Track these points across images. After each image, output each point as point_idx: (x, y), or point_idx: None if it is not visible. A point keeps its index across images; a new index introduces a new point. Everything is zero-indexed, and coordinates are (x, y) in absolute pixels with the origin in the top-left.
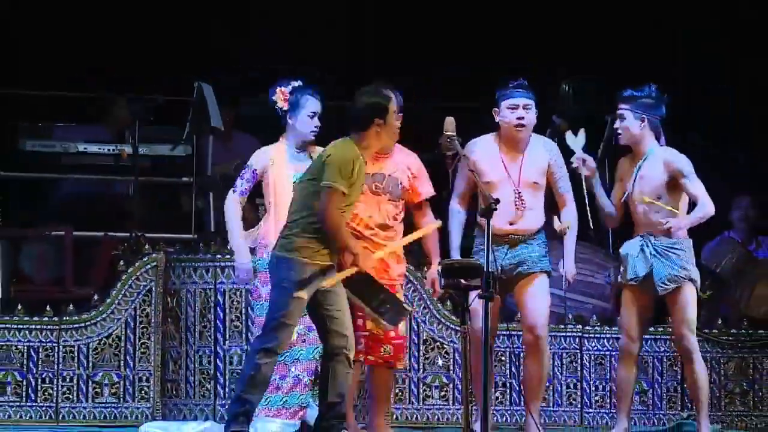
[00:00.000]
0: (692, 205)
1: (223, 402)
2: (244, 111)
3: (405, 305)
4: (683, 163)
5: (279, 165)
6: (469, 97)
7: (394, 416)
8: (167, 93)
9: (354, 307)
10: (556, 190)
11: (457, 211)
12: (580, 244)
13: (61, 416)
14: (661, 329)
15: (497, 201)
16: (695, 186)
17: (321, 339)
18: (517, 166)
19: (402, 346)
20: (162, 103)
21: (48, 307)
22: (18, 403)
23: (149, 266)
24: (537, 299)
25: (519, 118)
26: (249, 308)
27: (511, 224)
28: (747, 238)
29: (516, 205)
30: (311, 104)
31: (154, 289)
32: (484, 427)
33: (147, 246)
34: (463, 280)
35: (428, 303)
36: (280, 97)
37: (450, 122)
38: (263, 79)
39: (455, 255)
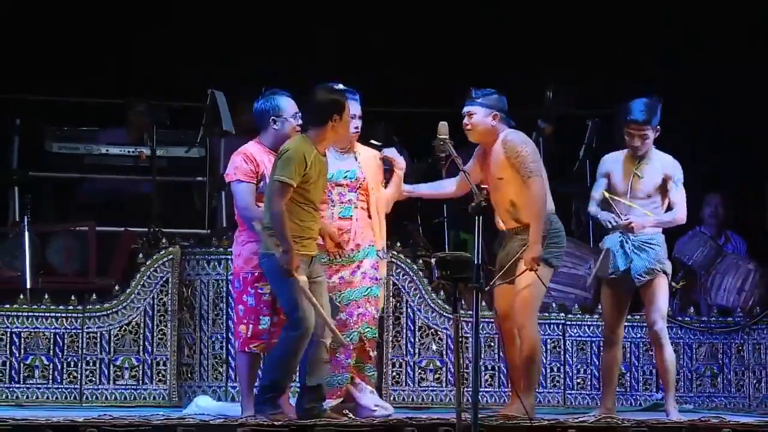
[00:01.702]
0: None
1: (234, 385)
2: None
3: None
4: (677, 170)
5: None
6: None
7: (392, 397)
8: (182, 99)
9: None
10: (522, 179)
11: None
12: None
13: (84, 397)
14: (638, 317)
15: (487, 199)
16: (678, 193)
17: None
18: (488, 166)
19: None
20: (178, 108)
21: (72, 297)
22: (45, 386)
23: (166, 259)
24: (501, 288)
25: (465, 125)
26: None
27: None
28: (717, 232)
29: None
30: (352, 106)
31: (170, 280)
32: (474, 407)
33: (164, 240)
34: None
35: (423, 293)
36: None
37: (443, 126)
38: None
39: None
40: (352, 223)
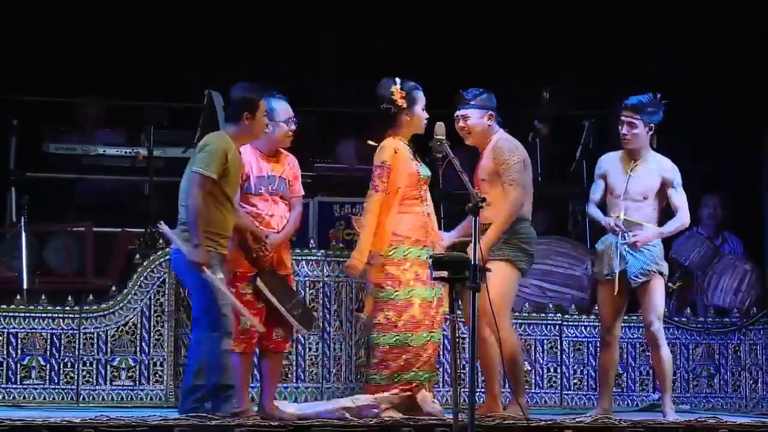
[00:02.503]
0: (667, 210)
1: None
2: None
3: (312, 310)
4: (675, 174)
5: (405, 156)
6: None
7: None
8: (182, 100)
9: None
10: (502, 185)
11: None
12: (560, 239)
13: (81, 398)
14: (635, 317)
15: (483, 199)
16: (679, 197)
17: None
18: (476, 167)
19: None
20: (178, 109)
21: (69, 297)
22: (42, 386)
23: (163, 259)
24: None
25: (461, 128)
26: None
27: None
28: (714, 233)
29: None
30: (423, 98)
31: (167, 280)
32: (470, 408)
33: (161, 240)
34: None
35: None
36: (398, 94)
37: (440, 127)
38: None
39: None
40: (432, 218)
